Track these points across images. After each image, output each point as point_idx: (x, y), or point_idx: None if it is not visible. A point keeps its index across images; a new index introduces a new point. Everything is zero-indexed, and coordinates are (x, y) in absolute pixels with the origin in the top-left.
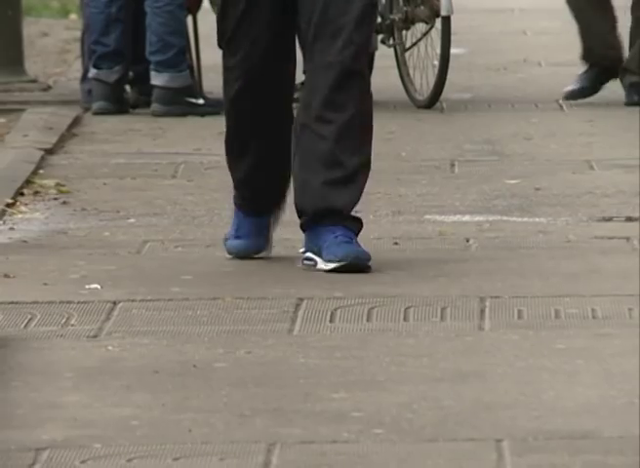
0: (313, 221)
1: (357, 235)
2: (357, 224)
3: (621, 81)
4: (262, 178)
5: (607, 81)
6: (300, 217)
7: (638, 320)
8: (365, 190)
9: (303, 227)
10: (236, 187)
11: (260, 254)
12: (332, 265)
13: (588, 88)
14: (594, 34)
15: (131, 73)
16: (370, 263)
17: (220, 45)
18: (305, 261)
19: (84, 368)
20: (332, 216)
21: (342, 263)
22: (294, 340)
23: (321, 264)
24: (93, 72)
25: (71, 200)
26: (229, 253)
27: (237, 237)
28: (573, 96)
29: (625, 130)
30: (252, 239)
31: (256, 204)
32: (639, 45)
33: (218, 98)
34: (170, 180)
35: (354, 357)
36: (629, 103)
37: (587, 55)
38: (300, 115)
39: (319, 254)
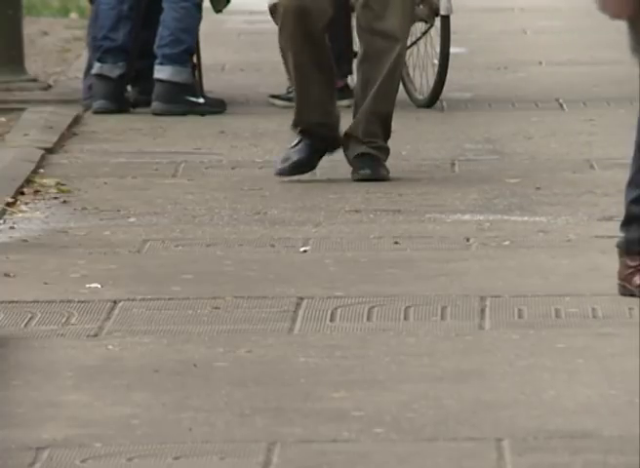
0: None
1: None
2: None
3: (345, 152)
4: None
5: (324, 153)
6: None
7: (638, 319)
8: (365, 189)
9: None
10: None
11: None
12: None
13: (305, 161)
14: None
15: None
16: None
17: None
18: None
19: (84, 367)
20: None
21: None
22: (294, 339)
23: None
24: (96, 67)
25: (72, 199)
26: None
27: None
28: (286, 172)
29: (626, 128)
30: None
31: None
32: (365, 110)
33: (218, 98)
34: (170, 180)
35: (354, 356)
36: (359, 178)
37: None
38: None
39: None
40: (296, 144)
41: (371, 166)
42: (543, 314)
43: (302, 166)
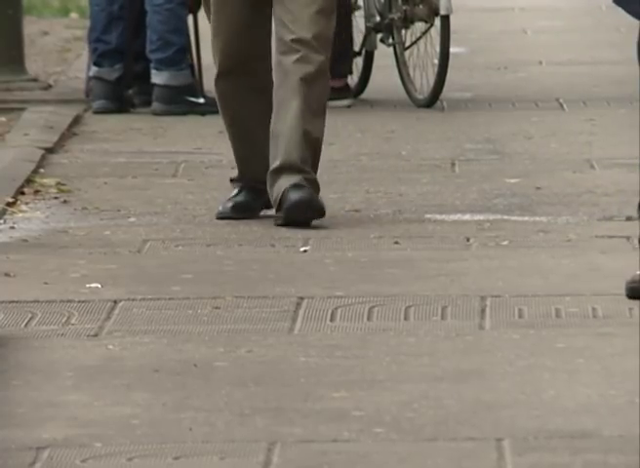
0: None
1: None
2: None
3: (272, 188)
4: None
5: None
6: None
7: (638, 319)
8: (365, 189)
9: None
10: None
11: None
12: None
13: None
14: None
15: None
16: None
17: None
18: None
19: (84, 367)
20: None
21: None
22: (294, 339)
23: None
24: (94, 70)
25: (72, 199)
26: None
27: None
28: (227, 214)
29: (626, 128)
30: None
31: None
32: (298, 137)
33: None
34: (170, 179)
35: (355, 356)
36: (292, 206)
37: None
38: None
39: None
40: (237, 194)
41: (308, 192)
42: (543, 314)
43: (245, 209)
